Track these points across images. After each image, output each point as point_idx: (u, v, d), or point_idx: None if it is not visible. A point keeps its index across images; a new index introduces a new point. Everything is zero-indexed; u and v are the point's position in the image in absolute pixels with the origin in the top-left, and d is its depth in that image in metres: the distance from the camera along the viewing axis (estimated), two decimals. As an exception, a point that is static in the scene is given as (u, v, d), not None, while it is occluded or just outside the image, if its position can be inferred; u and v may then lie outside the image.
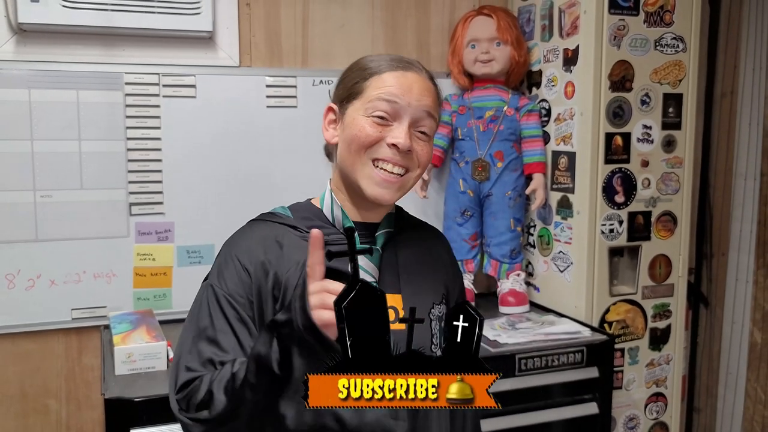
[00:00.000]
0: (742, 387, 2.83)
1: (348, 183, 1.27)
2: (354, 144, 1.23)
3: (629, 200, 2.27)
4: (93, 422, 2.30)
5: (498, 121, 2.41)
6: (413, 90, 1.22)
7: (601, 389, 2.10)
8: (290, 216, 1.32)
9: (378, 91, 1.22)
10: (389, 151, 1.21)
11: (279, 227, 1.29)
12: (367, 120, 1.22)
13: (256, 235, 1.27)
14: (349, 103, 1.26)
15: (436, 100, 1.27)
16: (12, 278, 2.15)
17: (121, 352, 1.78)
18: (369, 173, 1.22)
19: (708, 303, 2.94)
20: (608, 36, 2.18)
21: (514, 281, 2.43)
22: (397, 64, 1.25)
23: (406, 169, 1.23)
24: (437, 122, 1.28)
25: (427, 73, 1.28)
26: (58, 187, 2.17)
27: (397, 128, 1.21)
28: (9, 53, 2.10)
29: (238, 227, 1.33)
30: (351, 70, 1.29)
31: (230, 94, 2.32)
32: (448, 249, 1.45)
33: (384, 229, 1.31)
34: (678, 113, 2.31)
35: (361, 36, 2.48)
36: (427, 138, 1.25)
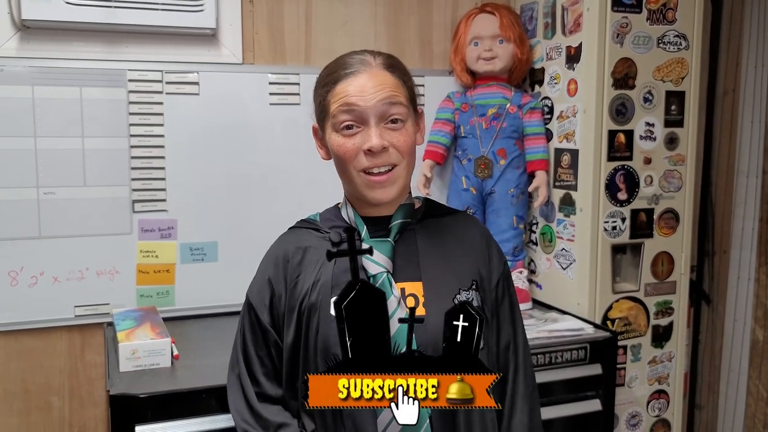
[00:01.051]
0: (744, 384, 2.83)
1: (353, 192, 1.34)
2: (339, 162, 1.31)
3: (632, 197, 2.28)
4: (96, 419, 2.31)
5: (501, 118, 2.41)
6: (366, 90, 1.25)
7: (604, 386, 2.11)
8: (317, 220, 1.42)
9: (337, 105, 1.27)
10: (368, 157, 1.26)
11: (304, 232, 1.41)
12: (339, 136, 1.28)
13: (282, 246, 1.41)
14: (324, 122, 1.32)
15: (394, 84, 1.28)
16: (15, 275, 2.15)
17: (125, 348, 1.77)
18: (362, 181, 1.29)
19: (710, 300, 2.94)
20: (611, 33, 2.18)
21: (516, 278, 2.43)
22: (344, 71, 1.28)
23: (391, 165, 1.28)
24: (406, 99, 1.30)
25: (379, 58, 1.30)
26: (61, 184, 2.16)
27: (366, 132, 1.25)
28: (12, 50, 2.10)
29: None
30: (316, 86, 1.35)
31: (233, 91, 2.32)
32: (483, 234, 1.44)
33: (398, 221, 1.34)
34: (680, 111, 2.32)
35: (364, 33, 2.48)
36: (401, 124, 1.28)
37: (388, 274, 1.28)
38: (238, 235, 2.32)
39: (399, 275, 1.30)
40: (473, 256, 1.38)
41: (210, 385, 1.65)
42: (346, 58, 1.30)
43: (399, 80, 1.29)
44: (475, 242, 1.41)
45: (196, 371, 1.80)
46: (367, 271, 1.28)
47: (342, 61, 1.30)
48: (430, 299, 1.30)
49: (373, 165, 1.26)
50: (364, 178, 1.28)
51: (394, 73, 1.29)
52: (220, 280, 2.32)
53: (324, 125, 1.32)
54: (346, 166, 1.28)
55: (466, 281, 1.34)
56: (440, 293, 1.31)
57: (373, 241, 1.30)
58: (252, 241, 1.40)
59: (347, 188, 1.36)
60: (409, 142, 1.29)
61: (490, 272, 1.39)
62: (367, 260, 1.29)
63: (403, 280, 1.30)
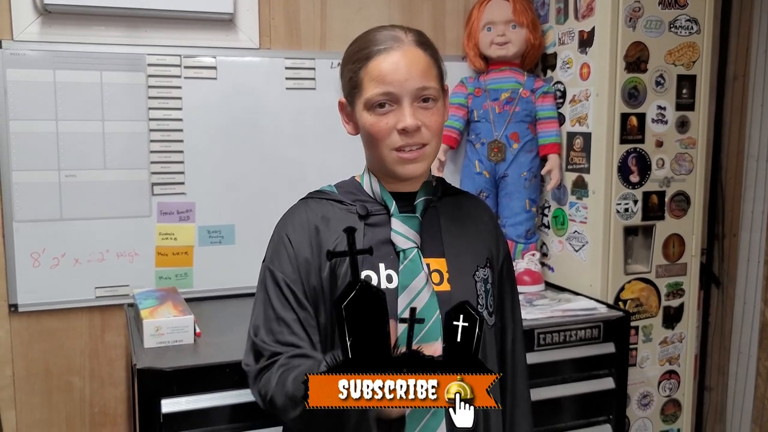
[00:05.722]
0: (753, 366, 2.86)
1: (380, 167, 1.33)
2: (371, 141, 1.30)
3: (644, 180, 2.30)
4: (116, 399, 2.34)
5: (513, 102, 2.44)
6: (400, 69, 1.25)
7: (617, 364, 2.14)
8: (335, 192, 1.39)
9: (370, 83, 1.26)
10: (402, 136, 1.26)
11: (325, 203, 1.36)
12: (371, 115, 1.27)
13: (303, 214, 1.35)
14: (354, 98, 1.31)
15: (427, 63, 1.28)
16: (37, 257, 2.18)
17: (150, 325, 1.81)
18: (394, 158, 1.28)
19: (720, 283, 2.97)
20: (624, 17, 2.20)
21: (529, 261, 2.46)
22: (376, 48, 1.27)
23: (423, 144, 1.28)
24: (437, 77, 1.30)
25: (410, 34, 1.29)
26: (82, 167, 2.20)
27: (400, 111, 1.25)
28: (34, 34, 2.13)
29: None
30: (345, 61, 1.33)
31: (250, 75, 2.35)
32: (491, 215, 1.48)
33: (423, 197, 1.36)
34: (691, 94, 2.34)
35: (379, 19, 2.50)
36: (433, 103, 1.28)
37: (418, 250, 1.30)
38: (254, 218, 2.35)
39: (424, 251, 1.31)
40: (485, 235, 1.42)
41: (233, 359, 1.67)
42: (376, 34, 1.29)
43: (431, 58, 1.29)
44: (486, 222, 1.44)
45: (218, 347, 1.83)
46: (396, 246, 1.30)
47: (373, 37, 1.29)
48: (454, 275, 1.32)
49: (406, 144, 1.26)
50: (396, 155, 1.28)
51: (427, 51, 1.29)
52: (237, 262, 2.36)
53: (354, 101, 1.31)
54: (379, 144, 1.28)
55: (482, 259, 1.38)
56: (463, 269, 1.34)
57: (402, 217, 1.32)
58: (269, 224, 1.40)
59: (375, 164, 1.35)
60: (440, 121, 1.29)
61: (498, 252, 1.43)
62: (397, 235, 1.30)
63: (428, 256, 1.32)
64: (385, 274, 1.29)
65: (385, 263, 1.29)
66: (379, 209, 1.34)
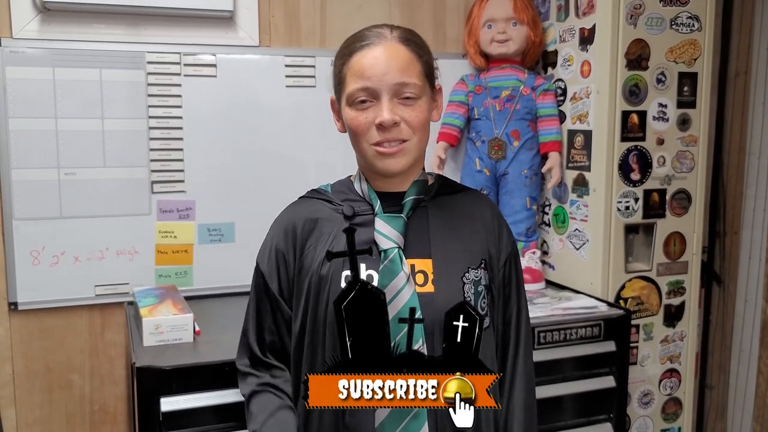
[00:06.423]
0: (754, 364, 2.85)
1: (365, 163, 1.35)
2: (352, 135, 1.31)
3: (645, 178, 2.29)
4: (116, 397, 2.34)
5: (514, 100, 2.43)
6: (379, 64, 1.25)
7: (618, 363, 2.13)
8: (329, 192, 1.41)
9: (352, 78, 1.27)
10: (380, 132, 1.27)
11: (317, 203, 1.39)
12: (352, 110, 1.28)
13: (286, 214, 1.41)
14: (340, 95, 1.32)
15: (408, 58, 1.28)
16: (37, 255, 2.18)
17: (149, 323, 1.81)
18: (373, 153, 1.29)
19: (721, 281, 2.96)
20: (625, 15, 2.19)
21: (529, 259, 2.46)
22: (360, 44, 1.28)
23: (402, 140, 1.28)
24: (421, 74, 1.30)
25: (396, 31, 1.30)
26: (82, 165, 2.20)
27: (378, 106, 1.26)
28: (34, 32, 2.13)
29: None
30: (335, 59, 1.35)
31: (250, 73, 2.35)
32: (494, 213, 1.44)
33: (411, 197, 1.34)
34: (693, 92, 2.33)
35: (379, 16, 2.50)
36: (413, 101, 1.27)
37: (399, 250, 1.28)
38: (254, 216, 2.34)
39: (410, 251, 1.30)
40: (483, 234, 1.38)
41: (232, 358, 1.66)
42: (364, 31, 1.30)
43: (414, 54, 1.29)
44: (486, 220, 1.40)
45: (218, 346, 1.82)
46: (378, 245, 1.28)
47: (360, 33, 1.31)
48: (439, 277, 1.30)
49: (384, 139, 1.26)
50: (374, 150, 1.28)
51: (410, 47, 1.28)
52: (237, 260, 2.35)
53: (339, 97, 1.32)
54: (359, 139, 1.29)
55: (476, 260, 1.35)
56: (449, 271, 1.31)
57: (386, 217, 1.31)
58: (268, 222, 1.41)
59: (360, 160, 1.37)
60: (421, 117, 1.28)
61: (500, 251, 1.40)
62: (379, 235, 1.29)
63: (414, 257, 1.30)
64: (366, 274, 1.28)
65: (367, 263, 1.28)
66: (366, 209, 1.34)
